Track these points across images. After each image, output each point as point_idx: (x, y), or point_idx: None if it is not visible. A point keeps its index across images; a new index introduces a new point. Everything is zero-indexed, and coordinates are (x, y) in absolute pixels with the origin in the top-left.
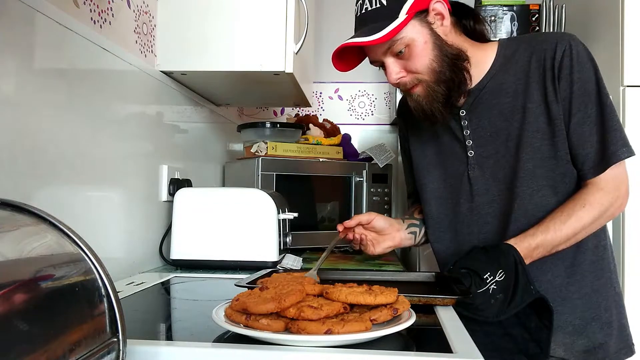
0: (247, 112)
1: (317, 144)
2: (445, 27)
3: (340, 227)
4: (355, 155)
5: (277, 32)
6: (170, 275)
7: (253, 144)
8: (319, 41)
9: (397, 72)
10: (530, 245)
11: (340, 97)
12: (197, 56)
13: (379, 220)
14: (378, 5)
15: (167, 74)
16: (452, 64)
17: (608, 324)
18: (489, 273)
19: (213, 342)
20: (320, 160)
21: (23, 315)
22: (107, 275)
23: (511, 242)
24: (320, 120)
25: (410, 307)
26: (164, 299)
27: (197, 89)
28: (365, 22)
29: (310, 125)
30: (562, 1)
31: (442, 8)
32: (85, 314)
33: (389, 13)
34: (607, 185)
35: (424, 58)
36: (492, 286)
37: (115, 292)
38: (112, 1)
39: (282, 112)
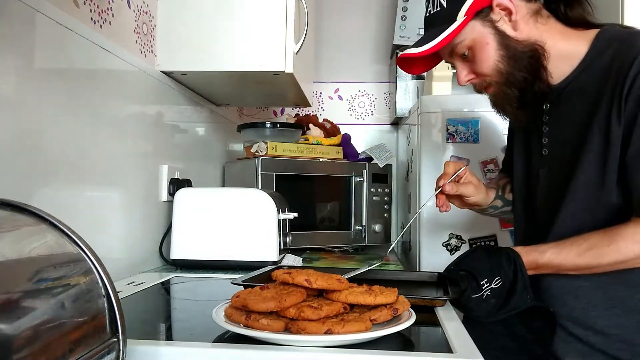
0: (247, 112)
1: (317, 144)
2: (514, 22)
3: (440, 184)
4: (355, 155)
5: (277, 32)
6: (170, 275)
7: (253, 144)
8: (319, 41)
9: (466, 75)
10: (537, 261)
11: (340, 97)
12: (197, 56)
13: (468, 188)
14: (438, 8)
15: (167, 74)
16: (524, 62)
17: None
18: (486, 279)
19: (213, 342)
20: (320, 160)
21: (23, 315)
22: (107, 275)
23: (518, 249)
24: (320, 120)
25: (410, 307)
26: (164, 299)
27: (197, 89)
28: (427, 26)
29: (310, 125)
30: None
31: (508, 2)
32: (85, 313)
33: (447, 16)
34: None
35: (488, 60)
36: (487, 292)
37: (115, 292)
38: (112, 1)
39: (282, 112)
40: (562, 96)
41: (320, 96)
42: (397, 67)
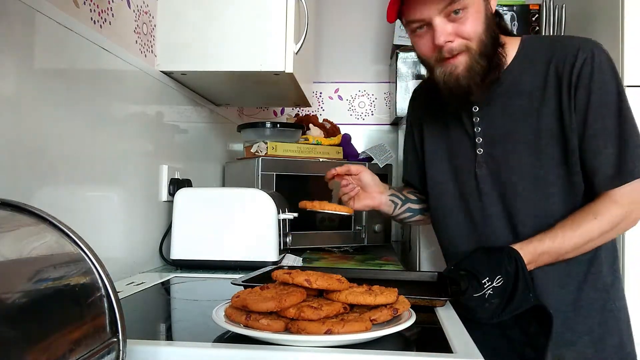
0: (247, 112)
1: (317, 144)
2: (492, 8)
3: (331, 172)
4: (355, 155)
5: (277, 32)
6: (170, 275)
7: (253, 144)
8: (319, 41)
9: (448, 34)
10: (536, 250)
11: (340, 97)
12: (197, 56)
13: (366, 175)
14: None
15: (167, 74)
16: (494, 43)
17: (600, 340)
18: (487, 278)
19: (213, 342)
20: (320, 160)
21: (23, 315)
22: (107, 275)
23: (517, 246)
24: (320, 120)
25: (410, 307)
26: (164, 299)
27: (197, 89)
28: None
29: (310, 125)
30: (562, 1)
31: None
32: (85, 313)
33: None
34: (622, 199)
35: (477, 25)
36: (489, 291)
37: (115, 292)
38: (112, 1)
39: (282, 112)
40: (492, 96)
41: (320, 96)
42: (397, 67)
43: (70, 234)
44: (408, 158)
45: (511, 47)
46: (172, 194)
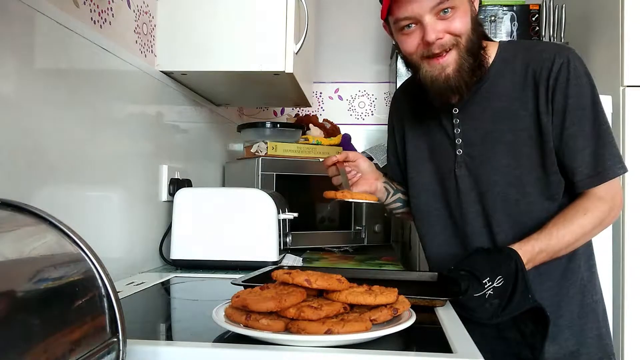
0: (247, 112)
1: (317, 144)
2: (476, 10)
3: (331, 159)
4: None
5: (277, 32)
6: (170, 275)
7: (253, 144)
8: (319, 41)
9: (438, 32)
10: (534, 249)
11: (340, 97)
12: (197, 56)
13: (363, 162)
14: None
15: (167, 74)
16: (480, 43)
17: (581, 332)
18: (488, 278)
19: (213, 342)
20: (320, 160)
21: (23, 315)
22: (107, 275)
23: (515, 246)
24: (320, 120)
25: (410, 307)
26: (164, 299)
27: (197, 89)
28: None
29: (310, 125)
30: (562, 1)
31: None
32: (85, 313)
33: None
34: (606, 195)
35: (465, 23)
36: (489, 291)
37: (115, 292)
38: (112, 1)
39: (282, 112)
40: (473, 97)
41: (320, 96)
42: (397, 67)
43: (71, 234)
44: (390, 159)
45: (490, 51)
46: (172, 194)
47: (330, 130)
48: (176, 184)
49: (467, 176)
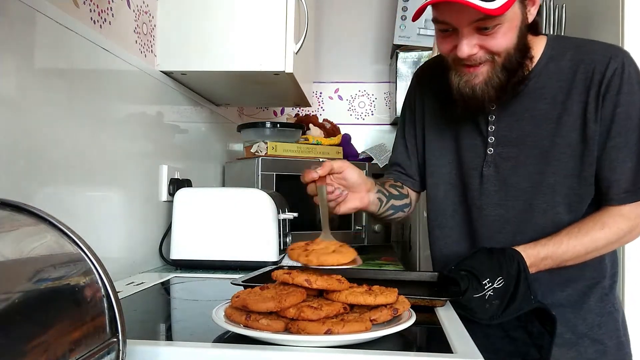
0: (247, 112)
1: (317, 144)
2: (530, 18)
3: (309, 174)
4: (355, 155)
5: (277, 32)
6: (170, 275)
7: (253, 144)
8: (319, 41)
9: (472, 46)
10: (539, 254)
11: (340, 97)
12: (197, 56)
13: (351, 172)
14: None
15: (167, 74)
16: (522, 56)
17: (600, 341)
18: (488, 279)
19: (213, 342)
20: (320, 160)
21: (23, 315)
22: (107, 275)
23: (519, 248)
24: (320, 120)
25: (410, 307)
26: (164, 299)
27: (197, 89)
28: None
29: (310, 125)
30: (562, 1)
31: None
32: (85, 314)
33: None
34: (629, 213)
35: (508, 40)
36: (489, 292)
37: (115, 292)
38: (112, 1)
39: (282, 112)
40: (515, 96)
41: (320, 96)
42: (397, 67)
43: (70, 234)
44: (401, 141)
45: (536, 48)
46: (172, 194)
47: (330, 130)
48: (176, 184)
49: (494, 177)
